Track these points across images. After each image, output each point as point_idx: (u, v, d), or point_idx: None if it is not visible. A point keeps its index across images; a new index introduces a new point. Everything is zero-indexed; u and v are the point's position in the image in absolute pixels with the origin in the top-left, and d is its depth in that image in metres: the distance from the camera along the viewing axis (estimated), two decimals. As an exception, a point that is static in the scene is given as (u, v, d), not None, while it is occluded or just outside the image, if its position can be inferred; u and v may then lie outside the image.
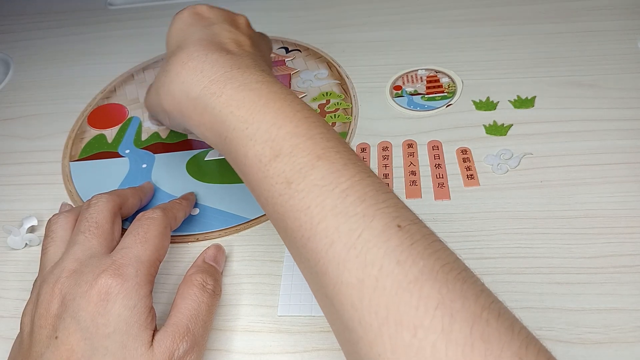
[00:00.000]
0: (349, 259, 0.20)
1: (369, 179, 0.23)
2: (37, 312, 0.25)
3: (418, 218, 0.22)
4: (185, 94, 0.28)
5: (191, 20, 0.33)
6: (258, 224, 0.35)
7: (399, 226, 0.21)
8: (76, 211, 0.31)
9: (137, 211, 0.35)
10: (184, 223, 0.35)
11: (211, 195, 0.38)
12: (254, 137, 0.25)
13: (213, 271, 0.30)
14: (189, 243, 0.35)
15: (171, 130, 0.43)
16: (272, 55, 0.47)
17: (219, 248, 0.33)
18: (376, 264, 0.20)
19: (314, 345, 0.29)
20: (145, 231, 0.28)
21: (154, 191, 0.38)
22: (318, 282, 0.22)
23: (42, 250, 0.30)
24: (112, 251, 0.28)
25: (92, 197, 0.31)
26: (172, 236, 0.35)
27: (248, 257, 0.33)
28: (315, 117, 0.26)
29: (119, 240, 0.28)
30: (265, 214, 0.36)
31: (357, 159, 0.24)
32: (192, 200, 0.36)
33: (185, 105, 0.29)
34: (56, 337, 0.24)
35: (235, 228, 0.35)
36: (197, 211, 0.37)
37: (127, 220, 0.35)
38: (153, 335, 0.25)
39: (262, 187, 0.24)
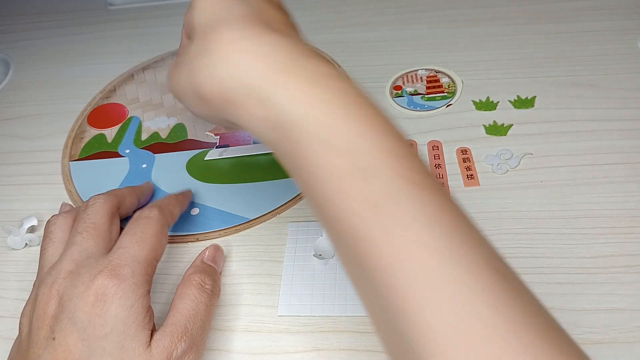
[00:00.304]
0: (436, 300, 0.18)
1: (456, 209, 0.21)
2: (35, 313, 0.25)
3: (504, 257, 0.21)
4: (237, 80, 0.23)
5: None
6: (258, 224, 0.35)
7: (493, 268, 0.19)
8: (75, 212, 0.31)
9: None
10: (184, 223, 0.35)
11: (211, 195, 0.38)
12: (334, 145, 0.21)
13: (211, 271, 0.30)
14: (189, 243, 0.35)
15: (171, 130, 0.43)
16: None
17: (217, 248, 0.33)
18: (469, 310, 0.18)
19: (314, 345, 0.29)
20: (142, 231, 0.28)
21: (153, 191, 0.38)
22: (389, 316, 0.19)
23: (41, 251, 0.30)
24: (109, 252, 0.28)
25: (89, 198, 0.31)
26: (171, 236, 0.35)
27: (248, 257, 0.33)
28: (398, 129, 0.22)
29: (117, 241, 0.28)
30: (265, 214, 0.36)
31: (439, 182, 0.22)
32: (188, 195, 0.36)
33: (235, 94, 0.23)
34: (53, 338, 0.24)
35: (235, 228, 0.35)
36: (197, 211, 0.37)
37: (125, 220, 0.35)
38: (151, 336, 0.25)
39: (334, 204, 0.20)
